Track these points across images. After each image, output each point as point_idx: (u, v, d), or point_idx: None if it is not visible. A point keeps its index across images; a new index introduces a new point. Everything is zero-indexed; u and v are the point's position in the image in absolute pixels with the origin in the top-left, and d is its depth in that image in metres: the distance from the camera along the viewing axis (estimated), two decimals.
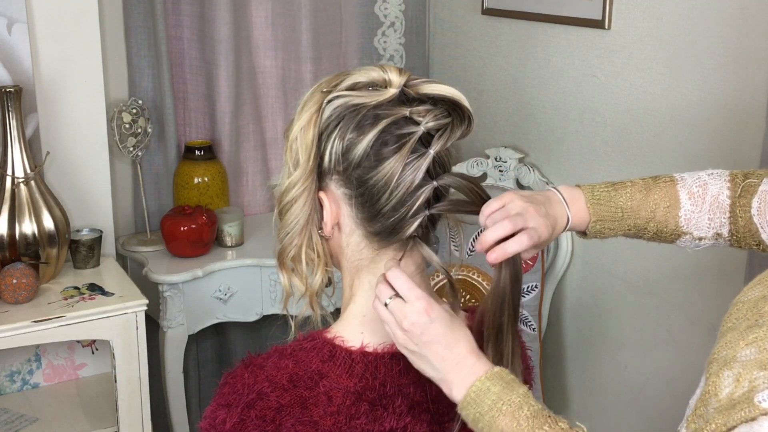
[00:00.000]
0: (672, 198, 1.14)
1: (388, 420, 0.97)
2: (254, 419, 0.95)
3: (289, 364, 0.98)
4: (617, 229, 1.14)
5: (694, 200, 1.14)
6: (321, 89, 1.01)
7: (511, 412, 0.88)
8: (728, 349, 0.84)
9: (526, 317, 2.33)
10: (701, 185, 1.15)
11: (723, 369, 0.82)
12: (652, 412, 2.19)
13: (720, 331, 0.91)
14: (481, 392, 0.90)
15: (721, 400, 0.79)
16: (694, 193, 1.14)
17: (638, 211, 1.14)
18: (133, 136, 2.33)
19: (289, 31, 2.60)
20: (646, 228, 1.15)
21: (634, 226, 1.15)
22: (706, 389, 0.83)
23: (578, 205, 1.12)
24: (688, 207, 1.14)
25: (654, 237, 1.17)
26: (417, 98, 0.99)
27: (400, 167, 0.96)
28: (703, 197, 1.14)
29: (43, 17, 2.10)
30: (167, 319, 2.25)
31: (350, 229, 1.02)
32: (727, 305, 1.95)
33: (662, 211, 1.14)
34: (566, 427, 0.88)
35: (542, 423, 0.87)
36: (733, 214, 1.14)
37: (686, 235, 1.16)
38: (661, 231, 1.16)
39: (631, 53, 2.09)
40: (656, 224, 1.15)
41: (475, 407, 0.90)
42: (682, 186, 1.15)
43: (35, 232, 2.00)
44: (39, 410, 2.15)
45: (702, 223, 1.15)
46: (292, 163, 1.02)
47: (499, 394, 0.89)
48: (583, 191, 1.13)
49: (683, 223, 1.15)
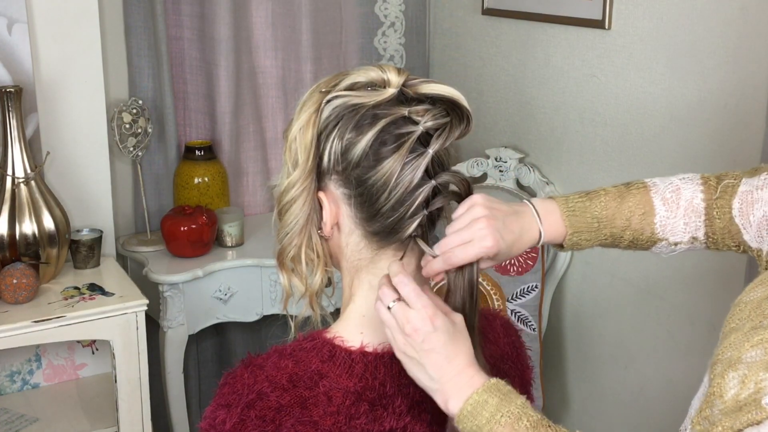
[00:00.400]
0: (646, 205, 1.13)
1: (388, 420, 0.97)
2: (254, 419, 0.95)
3: (289, 364, 0.98)
4: (593, 239, 1.14)
5: (668, 206, 1.13)
6: (320, 89, 1.01)
7: (510, 423, 0.87)
8: (733, 351, 0.84)
9: (526, 317, 2.33)
10: (674, 190, 1.14)
11: (728, 370, 0.82)
12: (652, 412, 2.19)
13: (723, 332, 0.90)
14: (479, 405, 0.89)
15: (726, 402, 0.79)
16: (667, 198, 1.14)
17: (613, 220, 1.13)
18: (134, 136, 2.33)
19: (290, 31, 2.60)
20: (622, 236, 1.14)
21: (611, 235, 1.14)
22: (711, 390, 0.83)
23: (553, 218, 1.10)
24: (663, 213, 1.13)
25: (630, 245, 1.16)
26: (416, 98, 0.99)
27: (399, 167, 0.96)
28: (677, 202, 1.14)
29: (43, 17, 2.10)
30: (167, 319, 2.25)
31: (349, 229, 1.02)
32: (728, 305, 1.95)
33: (638, 219, 1.13)
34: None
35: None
36: (709, 216, 1.13)
37: (662, 242, 1.15)
38: (637, 239, 1.15)
39: (631, 53, 2.09)
40: (632, 232, 1.14)
41: (473, 420, 0.89)
42: (656, 192, 1.14)
43: (35, 232, 2.00)
44: (39, 410, 2.15)
45: (677, 228, 1.14)
46: (291, 163, 1.02)
47: (498, 405, 0.88)
48: (558, 203, 1.11)
49: (659, 229, 1.14)
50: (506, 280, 2.31)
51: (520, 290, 2.31)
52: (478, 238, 0.98)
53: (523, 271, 2.31)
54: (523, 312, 2.32)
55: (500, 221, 1.01)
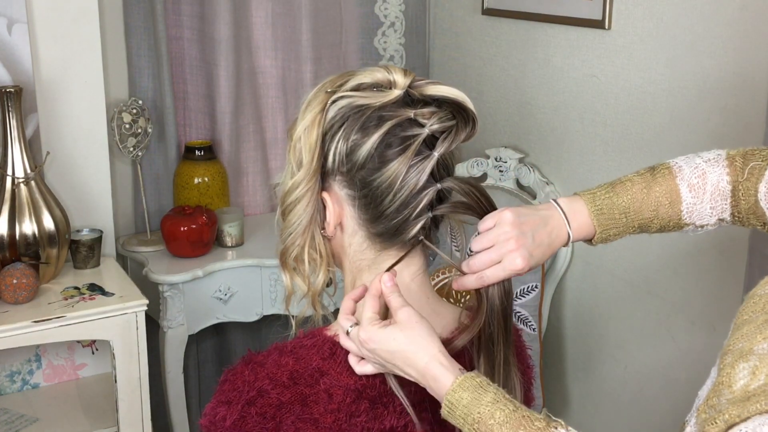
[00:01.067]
0: (673, 193, 1.14)
1: (388, 418, 0.97)
2: (255, 416, 0.95)
3: (290, 362, 0.98)
4: (623, 232, 1.14)
5: (695, 192, 1.14)
6: (325, 89, 1.01)
7: (484, 422, 0.87)
8: (744, 342, 0.84)
9: (526, 317, 2.33)
10: (700, 175, 1.14)
11: (738, 361, 0.82)
12: (652, 411, 2.19)
13: (735, 323, 0.90)
14: (452, 405, 0.90)
15: (734, 392, 0.79)
16: (694, 184, 1.14)
17: (641, 212, 1.13)
18: (133, 136, 2.33)
19: (289, 31, 2.60)
20: (650, 226, 1.15)
21: (639, 226, 1.15)
22: (719, 380, 0.83)
23: (581, 219, 1.10)
24: (690, 200, 1.14)
25: (658, 231, 1.17)
26: (421, 100, 0.99)
27: (404, 169, 0.96)
28: (704, 188, 1.14)
29: (43, 17, 2.10)
30: (167, 319, 2.25)
31: (353, 229, 1.02)
32: (728, 305, 1.95)
33: (665, 209, 1.14)
34: (543, 425, 0.86)
35: (517, 426, 0.86)
36: (735, 197, 1.14)
37: (689, 226, 1.16)
38: (665, 226, 1.16)
39: (631, 53, 2.09)
40: (660, 221, 1.15)
41: (453, 418, 0.90)
42: (681, 179, 1.14)
43: (35, 232, 2.00)
44: (39, 410, 2.15)
45: (704, 213, 1.15)
46: (295, 163, 1.02)
47: (468, 407, 0.89)
48: (585, 201, 1.11)
49: (686, 216, 1.15)
50: None
51: (520, 290, 2.31)
52: (508, 260, 0.99)
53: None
54: (523, 312, 2.32)
55: (529, 238, 1.02)
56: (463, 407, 0.89)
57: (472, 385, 0.90)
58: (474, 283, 1.00)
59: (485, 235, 1.01)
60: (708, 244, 1.98)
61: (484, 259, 1.00)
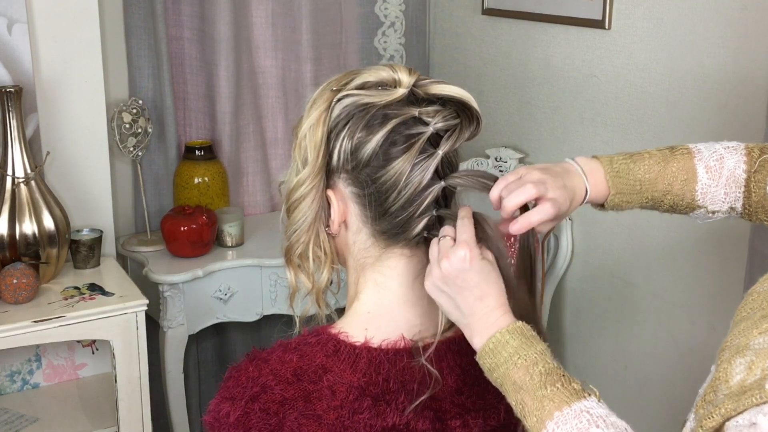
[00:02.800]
0: (689, 171, 1.15)
1: (390, 416, 0.98)
2: (258, 412, 0.95)
3: (294, 358, 0.98)
4: (635, 201, 1.15)
5: (711, 174, 1.15)
6: (330, 87, 1.02)
7: (525, 366, 0.90)
8: (741, 338, 0.84)
9: None
10: (718, 159, 1.15)
11: (735, 356, 0.82)
12: (652, 412, 2.19)
13: (733, 321, 0.91)
14: (500, 344, 0.91)
15: (731, 387, 0.80)
16: (711, 167, 1.15)
17: (656, 184, 1.14)
18: (134, 136, 2.33)
19: (289, 31, 2.60)
20: (662, 201, 1.16)
21: (651, 199, 1.15)
22: (717, 376, 0.83)
23: (597, 178, 1.11)
24: (705, 181, 1.15)
25: (669, 209, 1.17)
26: (426, 98, 1.00)
27: (408, 167, 0.97)
28: (720, 171, 1.15)
29: (43, 17, 2.10)
30: (167, 319, 2.25)
31: (357, 227, 1.02)
32: (727, 305, 1.95)
33: (679, 185, 1.15)
34: (579, 388, 0.89)
35: (555, 380, 0.88)
36: (747, 188, 1.15)
37: (701, 209, 1.17)
38: (677, 204, 1.16)
39: (631, 53, 2.10)
40: (673, 197, 1.15)
41: (492, 357, 0.92)
42: (699, 159, 1.15)
43: (35, 232, 2.00)
44: (39, 410, 2.15)
45: (718, 197, 1.16)
46: (300, 160, 1.02)
47: (517, 348, 0.91)
48: (602, 163, 1.12)
49: (699, 197, 1.15)
50: None
51: None
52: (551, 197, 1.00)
53: None
54: None
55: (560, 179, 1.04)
56: (513, 347, 0.91)
57: (527, 333, 0.92)
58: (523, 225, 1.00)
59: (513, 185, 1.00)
60: (708, 244, 1.98)
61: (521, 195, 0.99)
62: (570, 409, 0.86)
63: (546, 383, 0.88)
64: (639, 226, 2.15)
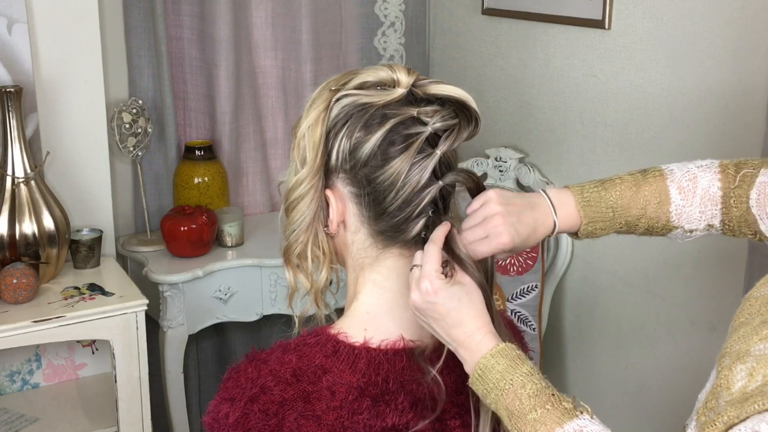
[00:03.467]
0: (662, 194, 1.14)
1: (390, 416, 0.98)
2: (257, 413, 0.95)
3: (293, 359, 0.98)
4: (609, 228, 1.15)
5: (684, 195, 1.14)
6: (329, 87, 1.02)
7: (513, 390, 0.89)
8: (741, 344, 0.84)
9: (526, 317, 2.33)
10: (691, 179, 1.15)
11: (736, 363, 0.82)
12: (652, 412, 2.19)
13: (732, 326, 0.91)
14: (486, 369, 0.91)
15: (733, 394, 0.80)
16: (684, 187, 1.15)
17: (629, 209, 1.14)
18: (133, 136, 2.33)
19: (289, 31, 2.60)
20: (637, 225, 1.16)
21: (626, 224, 1.15)
22: (718, 383, 0.83)
23: (567, 209, 1.12)
24: (679, 202, 1.14)
25: (645, 232, 1.17)
26: (425, 98, 1.00)
27: (406, 167, 0.97)
28: (694, 191, 1.15)
29: (43, 17, 2.10)
30: (167, 319, 2.25)
31: (356, 227, 1.03)
32: (728, 305, 1.95)
33: (653, 208, 1.14)
34: (570, 406, 0.88)
35: (545, 402, 0.88)
36: (726, 204, 1.14)
37: (677, 229, 1.17)
38: (653, 227, 1.16)
39: (631, 53, 2.10)
40: (647, 220, 1.15)
41: (482, 384, 0.92)
42: (672, 180, 1.15)
43: (35, 232, 2.00)
44: (39, 410, 2.15)
45: (693, 216, 1.15)
46: (299, 160, 1.03)
47: (503, 372, 0.91)
48: (573, 193, 1.13)
49: (674, 218, 1.15)
50: (506, 280, 2.31)
51: (520, 290, 2.31)
52: (493, 234, 1.02)
53: (523, 271, 2.31)
54: (523, 312, 2.32)
55: (515, 216, 1.04)
56: (498, 372, 0.91)
57: (511, 355, 0.92)
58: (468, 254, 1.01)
59: (473, 216, 1.04)
60: (708, 244, 1.98)
61: (470, 235, 1.02)
62: (563, 430, 0.86)
63: (536, 406, 0.88)
64: None
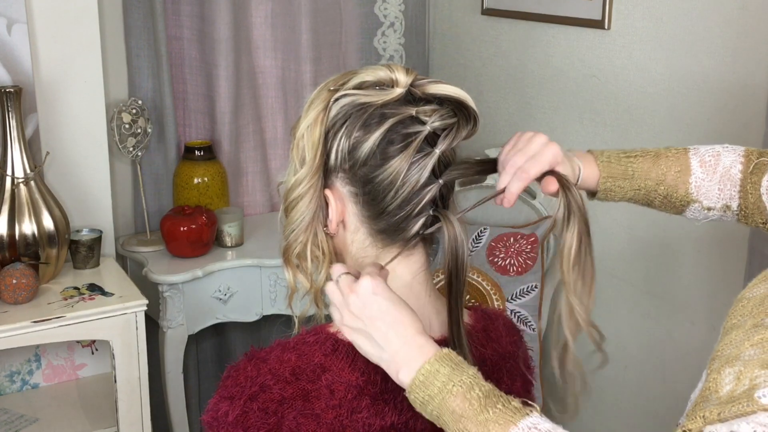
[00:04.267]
0: (683, 164, 1.15)
1: (389, 415, 0.98)
2: (257, 411, 0.95)
3: (292, 358, 0.98)
4: (627, 188, 1.14)
5: (705, 168, 1.14)
6: (328, 87, 1.02)
7: (462, 393, 0.87)
8: (732, 348, 0.84)
9: (526, 317, 2.33)
10: (714, 155, 1.15)
11: (725, 366, 0.82)
12: (651, 412, 2.19)
13: (724, 327, 0.91)
14: (431, 374, 0.88)
15: (721, 397, 0.79)
16: (706, 161, 1.15)
17: (648, 173, 1.14)
18: (133, 137, 2.33)
19: (289, 31, 2.60)
20: (656, 190, 1.15)
21: (644, 187, 1.15)
22: (707, 385, 0.83)
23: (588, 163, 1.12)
24: (699, 174, 1.14)
25: (663, 202, 1.16)
26: (423, 98, 1.00)
27: (405, 166, 0.97)
28: (715, 167, 1.15)
29: (43, 17, 2.10)
30: (167, 319, 2.25)
31: (355, 226, 1.03)
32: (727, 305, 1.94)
33: (673, 175, 1.14)
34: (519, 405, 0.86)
35: (495, 402, 0.86)
36: (743, 189, 1.15)
37: (695, 203, 1.16)
38: (671, 195, 1.15)
39: (631, 53, 2.10)
40: (666, 188, 1.15)
41: (424, 390, 0.89)
42: (694, 154, 1.15)
43: (35, 233, 2.00)
44: (39, 410, 2.15)
45: (712, 193, 1.15)
46: (298, 160, 1.03)
47: (449, 375, 0.88)
48: (594, 153, 1.14)
49: (693, 190, 1.15)
50: (506, 280, 2.31)
51: (520, 290, 2.31)
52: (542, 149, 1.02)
53: (523, 271, 2.31)
54: (522, 312, 2.32)
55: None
56: (444, 375, 0.88)
57: (455, 359, 0.90)
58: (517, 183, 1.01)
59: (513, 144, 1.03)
60: (708, 244, 1.98)
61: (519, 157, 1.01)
62: (517, 427, 0.84)
63: (486, 406, 0.86)
64: (638, 226, 2.15)
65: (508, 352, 1.14)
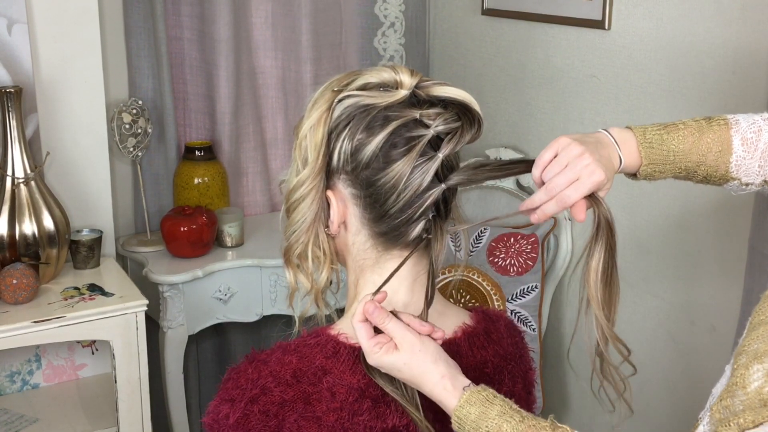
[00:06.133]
0: (724, 143, 1.13)
1: (390, 417, 0.98)
2: (257, 414, 0.95)
3: (293, 360, 0.98)
4: (668, 171, 1.13)
5: (747, 147, 1.13)
6: (332, 88, 1.02)
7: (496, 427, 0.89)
8: (760, 343, 0.84)
9: (526, 317, 2.33)
10: (756, 131, 1.13)
11: (753, 362, 0.81)
12: (652, 412, 2.19)
13: (750, 323, 0.90)
14: (462, 420, 0.91)
15: (748, 393, 0.79)
16: (748, 139, 1.13)
17: (689, 155, 1.12)
18: (133, 137, 2.33)
19: (289, 31, 2.60)
20: (696, 171, 1.14)
21: (685, 169, 1.13)
22: (733, 381, 0.83)
23: (630, 148, 1.09)
24: (741, 153, 1.13)
25: (703, 180, 1.16)
26: (427, 100, 0.99)
27: (408, 170, 0.96)
28: (756, 144, 1.13)
29: (43, 17, 2.10)
30: (167, 319, 2.25)
31: (356, 228, 1.02)
32: (728, 305, 1.94)
33: (713, 156, 1.12)
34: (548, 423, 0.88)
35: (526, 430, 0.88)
36: None
37: (734, 181, 1.15)
38: (711, 175, 1.14)
39: (631, 53, 2.10)
40: (707, 168, 1.13)
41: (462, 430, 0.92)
42: (736, 131, 1.13)
43: (35, 233, 2.00)
44: (39, 411, 2.15)
45: (752, 170, 1.14)
46: (300, 161, 1.02)
47: (477, 422, 0.90)
48: (635, 134, 1.10)
49: (733, 168, 1.13)
50: (506, 280, 2.31)
51: (520, 290, 2.31)
52: (586, 174, 0.98)
53: (523, 271, 2.31)
54: (523, 312, 2.32)
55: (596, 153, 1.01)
56: (472, 422, 0.90)
57: (478, 399, 0.91)
58: (554, 207, 0.98)
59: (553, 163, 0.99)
60: (708, 244, 1.98)
61: (561, 180, 0.97)
62: None
63: None
64: (638, 226, 2.15)
65: (510, 354, 1.13)
